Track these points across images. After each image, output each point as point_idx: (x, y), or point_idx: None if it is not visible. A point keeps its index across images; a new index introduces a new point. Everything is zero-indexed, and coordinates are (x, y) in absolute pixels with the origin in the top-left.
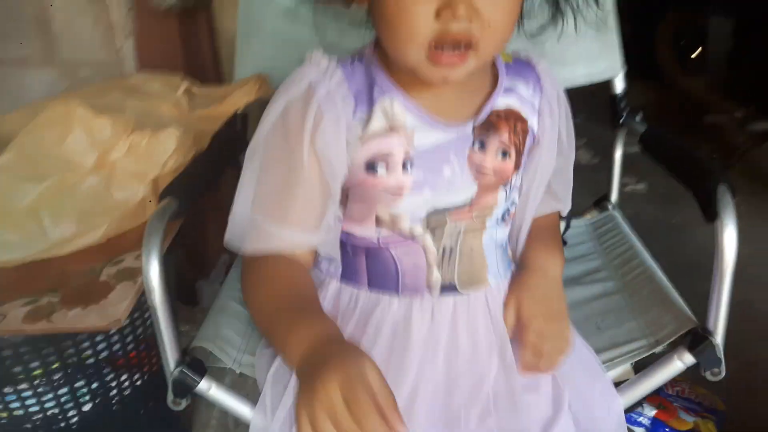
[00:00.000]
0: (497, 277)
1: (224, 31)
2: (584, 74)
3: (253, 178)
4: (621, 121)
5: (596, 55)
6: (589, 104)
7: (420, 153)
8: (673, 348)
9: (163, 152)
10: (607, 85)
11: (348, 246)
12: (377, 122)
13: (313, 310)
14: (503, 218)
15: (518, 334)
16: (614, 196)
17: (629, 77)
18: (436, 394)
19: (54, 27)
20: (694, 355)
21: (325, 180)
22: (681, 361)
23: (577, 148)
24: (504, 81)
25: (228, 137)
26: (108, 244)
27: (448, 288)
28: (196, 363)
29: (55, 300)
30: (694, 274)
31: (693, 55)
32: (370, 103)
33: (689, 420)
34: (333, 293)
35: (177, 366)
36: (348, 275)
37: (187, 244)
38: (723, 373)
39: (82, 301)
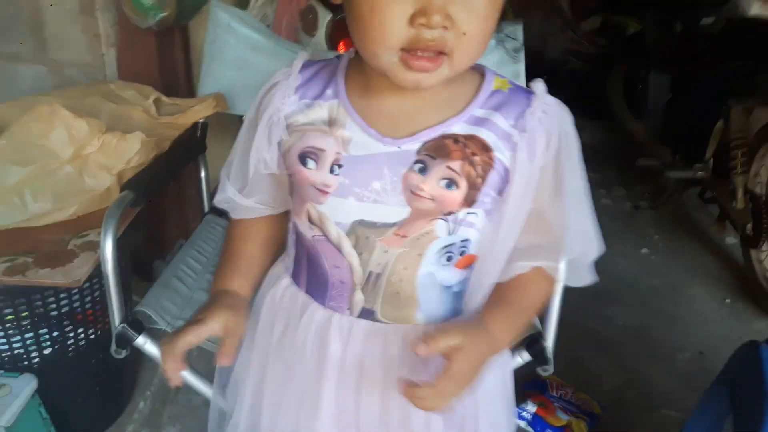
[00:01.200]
0: (431, 319)
1: (197, 47)
2: None
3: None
4: None
5: None
6: None
7: (351, 159)
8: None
9: (129, 151)
10: None
11: (297, 242)
12: (318, 117)
13: (237, 268)
14: (449, 258)
15: (424, 359)
16: None
17: (584, 116)
18: (345, 414)
19: (46, 30)
20: (530, 354)
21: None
22: (520, 358)
23: None
24: (474, 110)
25: (187, 143)
26: (77, 221)
27: (368, 312)
28: (137, 323)
29: (30, 260)
30: (606, 299)
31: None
32: (318, 100)
33: (564, 418)
34: (283, 288)
35: (121, 323)
36: (295, 274)
37: (148, 228)
38: (551, 370)
39: (51, 263)
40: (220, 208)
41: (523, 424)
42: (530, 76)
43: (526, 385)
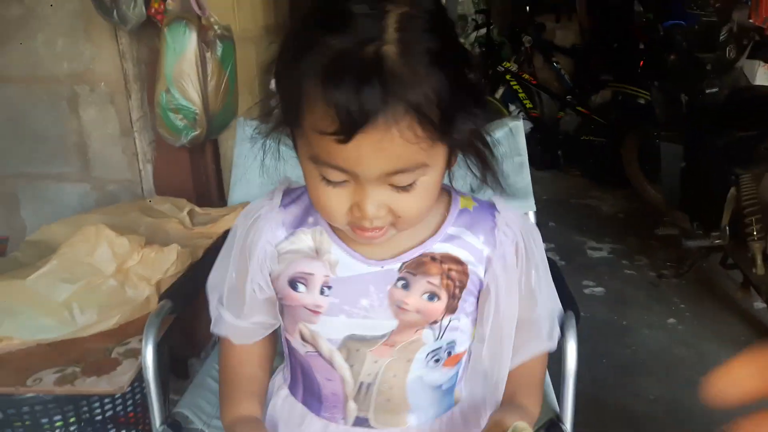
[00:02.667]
0: (423, 418)
1: (227, 157)
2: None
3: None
4: None
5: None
6: (558, 212)
7: (339, 280)
8: None
9: (166, 261)
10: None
11: (291, 355)
12: (304, 245)
13: (243, 392)
14: (436, 360)
15: None
16: None
17: (603, 187)
18: None
19: (90, 151)
20: None
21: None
22: None
23: (546, 251)
24: (447, 229)
25: (220, 249)
26: (119, 330)
27: (362, 421)
28: (176, 424)
29: (78, 370)
30: (634, 373)
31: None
32: (302, 227)
33: None
34: (282, 398)
35: (161, 424)
36: (292, 385)
37: (183, 328)
38: None
39: (97, 371)
40: None
41: None
42: (546, 149)
43: None
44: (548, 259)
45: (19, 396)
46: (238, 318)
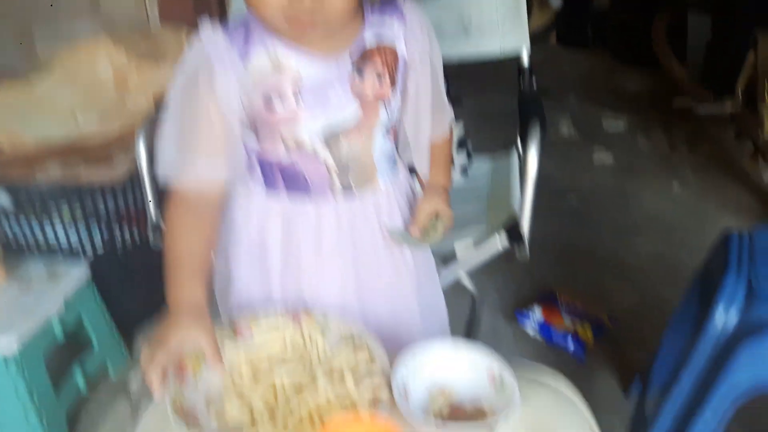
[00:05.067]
0: (385, 179)
1: None
2: (498, 47)
3: (172, 123)
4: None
5: (509, 30)
6: (581, 87)
7: (307, 85)
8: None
9: (163, 77)
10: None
11: (265, 165)
12: (261, 64)
13: (192, 272)
14: (387, 131)
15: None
16: (518, 142)
17: (630, 64)
18: (345, 271)
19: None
20: (508, 237)
21: (223, 117)
22: (499, 239)
23: (561, 123)
24: (369, 19)
25: None
26: (119, 138)
27: (347, 189)
28: None
29: (81, 165)
30: (633, 233)
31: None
32: (253, 49)
33: (569, 323)
34: (259, 199)
35: (157, 218)
36: (269, 185)
37: None
38: (527, 255)
39: (97, 165)
40: None
41: (530, 330)
42: (576, 27)
43: (537, 296)
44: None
45: (30, 187)
46: (193, 155)
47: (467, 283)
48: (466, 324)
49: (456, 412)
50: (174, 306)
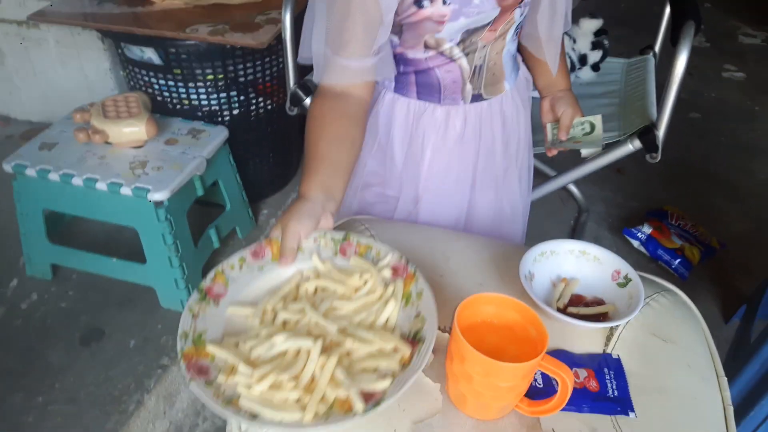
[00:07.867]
0: (510, 83)
1: None
2: None
3: (321, 18)
4: None
5: None
6: None
7: None
8: (631, 137)
9: None
10: None
11: (401, 66)
12: None
13: (325, 165)
14: (516, 33)
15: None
16: (657, 46)
17: None
18: (466, 163)
19: None
20: (641, 141)
21: (379, 12)
22: (631, 145)
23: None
24: None
25: None
26: (263, 2)
27: (476, 96)
28: (306, 86)
29: (227, 27)
30: (752, 154)
31: None
32: None
33: (678, 242)
34: (388, 102)
35: (294, 84)
36: (400, 89)
37: None
38: (658, 158)
39: (243, 30)
40: None
41: (636, 244)
42: None
43: (648, 213)
44: None
45: (179, 41)
46: (344, 55)
47: (575, 190)
48: (570, 231)
49: (576, 300)
50: (301, 194)
